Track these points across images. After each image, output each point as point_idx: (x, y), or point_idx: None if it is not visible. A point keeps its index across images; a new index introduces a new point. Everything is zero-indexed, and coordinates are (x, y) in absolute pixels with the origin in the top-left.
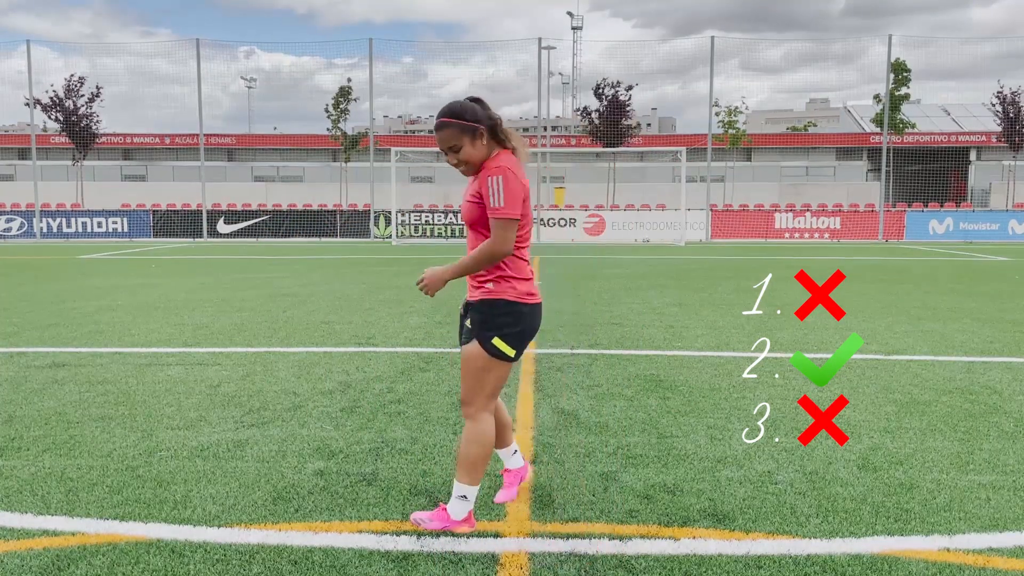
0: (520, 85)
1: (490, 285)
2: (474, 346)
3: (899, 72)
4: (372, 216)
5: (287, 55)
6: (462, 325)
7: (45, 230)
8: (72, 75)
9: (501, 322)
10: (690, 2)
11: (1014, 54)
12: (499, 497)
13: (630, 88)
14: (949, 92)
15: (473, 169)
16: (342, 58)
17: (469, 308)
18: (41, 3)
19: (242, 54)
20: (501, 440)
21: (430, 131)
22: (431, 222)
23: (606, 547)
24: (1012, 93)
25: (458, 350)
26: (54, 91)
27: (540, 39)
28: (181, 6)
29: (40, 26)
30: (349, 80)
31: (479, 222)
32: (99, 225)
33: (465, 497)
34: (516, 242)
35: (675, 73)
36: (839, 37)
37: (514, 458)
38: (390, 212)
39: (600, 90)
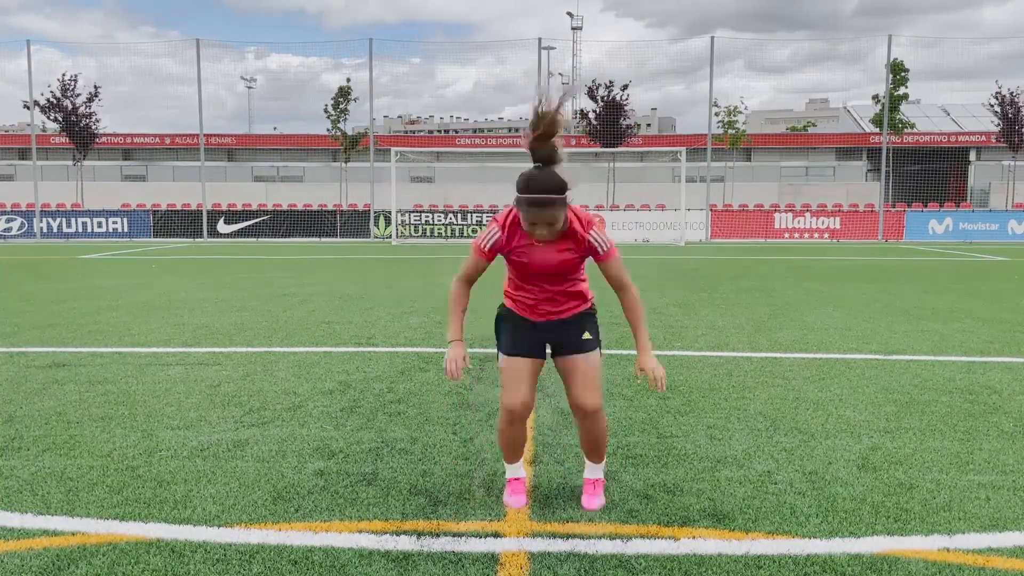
0: (526, 85)
1: (585, 302)
2: (596, 352)
3: (897, 72)
4: (372, 216)
5: (295, 56)
6: (543, 338)
7: (45, 230)
8: (64, 74)
9: (596, 325)
10: (702, 2)
11: (1021, 54)
12: (518, 503)
13: (625, 88)
14: (955, 92)
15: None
16: (349, 58)
17: (577, 319)
18: (50, 4)
19: (251, 54)
20: (522, 452)
21: (430, 131)
22: (431, 222)
23: (606, 547)
24: (1011, 93)
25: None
26: (51, 91)
27: (540, 39)
28: (191, 7)
29: (49, 27)
30: (348, 80)
31: (574, 270)
32: (99, 225)
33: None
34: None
35: (681, 73)
36: (845, 37)
37: (522, 467)
38: (390, 212)
39: (594, 91)
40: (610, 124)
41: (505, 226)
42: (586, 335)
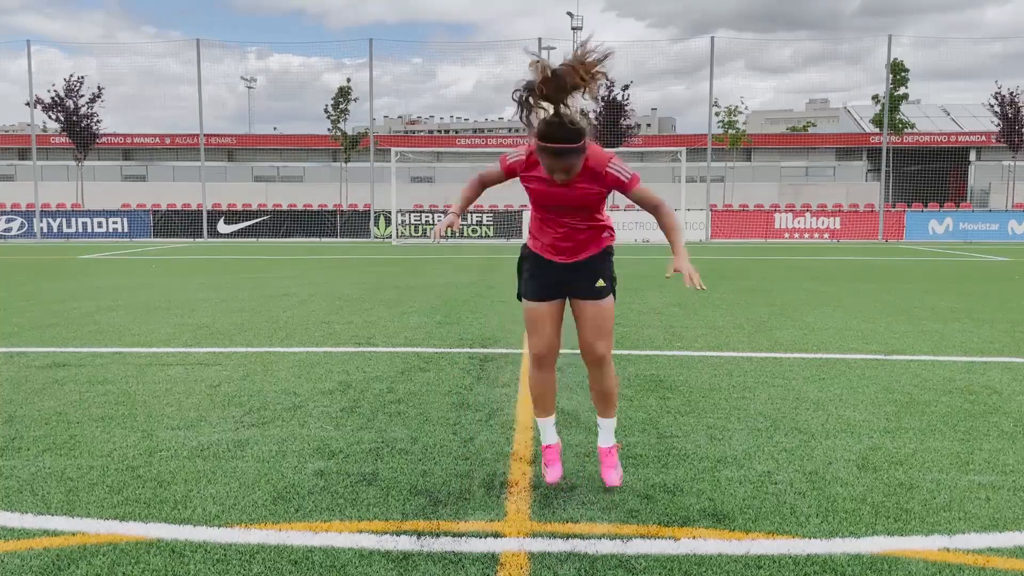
0: None
1: (606, 234)
2: (609, 299)
3: (897, 72)
4: (372, 216)
5: (295, 56)
6: (560, 280)
7: (45, 230)
8: (72, 75)
9: (612, 267)
10: (703, 2)
11: (1022, 54)
12: (553, 476)
13: (625, 88)
14: (955, 92)
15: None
16: (349, 58)
17: (593, 262)
18: (51, 4)
19: (252, 54)
20: (553, 406)
21: (430, 131)
22: (431, 222)
23: (606, 547)
24: (1011, 93)
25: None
26: (56, 91)
27: (540, 39)
28: (192, 7)
29: (50, 27)
30: (349, 80)
31: (594, 206)
32: (99, 225)
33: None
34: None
35: (682, 73)
36: (845, 38)
37: (554, 430)
38: (390, 212)
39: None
40: (610, 124)
41: (530, 154)
42: (600, 283)
